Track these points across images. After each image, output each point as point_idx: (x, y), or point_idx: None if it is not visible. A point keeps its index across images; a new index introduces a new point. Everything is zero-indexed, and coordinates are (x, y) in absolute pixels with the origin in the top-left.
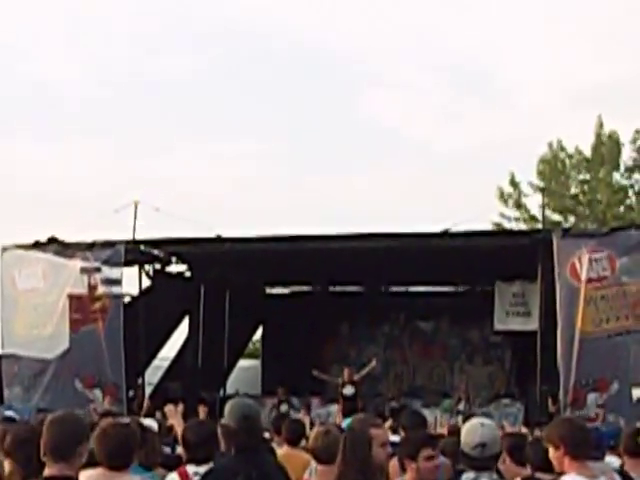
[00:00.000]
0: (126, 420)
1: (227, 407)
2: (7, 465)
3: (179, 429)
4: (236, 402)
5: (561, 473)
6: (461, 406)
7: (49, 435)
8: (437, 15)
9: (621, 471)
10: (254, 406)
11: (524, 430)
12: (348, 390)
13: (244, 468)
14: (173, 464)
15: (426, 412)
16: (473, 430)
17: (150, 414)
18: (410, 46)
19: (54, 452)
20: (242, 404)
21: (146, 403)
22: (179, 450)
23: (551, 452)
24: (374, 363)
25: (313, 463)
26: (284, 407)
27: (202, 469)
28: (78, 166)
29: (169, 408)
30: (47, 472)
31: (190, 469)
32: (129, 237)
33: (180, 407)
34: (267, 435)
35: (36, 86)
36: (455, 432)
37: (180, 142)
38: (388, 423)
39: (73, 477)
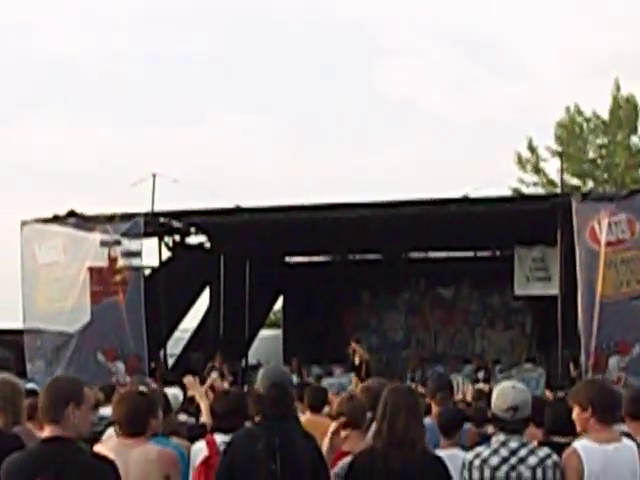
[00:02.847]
0: (143, 388)
1: (259, 373)
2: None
3: (201, 400)
4: (267, 369)
5: (581, 434)
6: (480, 374)
7: (40, 398)
8: None
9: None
10: (285, 374)
11: (548, 394)
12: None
13: (267, 435)
14: (198, 433)
15: None
16: (505, 393)
17: (172, 384)
18: (425, 15)
19: (45, 415)
20: (272, 372)
21: (161, 374)
22: (202, 419)
23: (576, 413)
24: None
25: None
26: (295, 378)
27: (229, 438)
28: (95, 140)
29: (188, 379)
30: (44, 434)
31: (217, 438)
32: (148, 209)
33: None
34: None
35: (52, 62)
36: (479, 398)
37: (197, 114)
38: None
39: (70, 438)
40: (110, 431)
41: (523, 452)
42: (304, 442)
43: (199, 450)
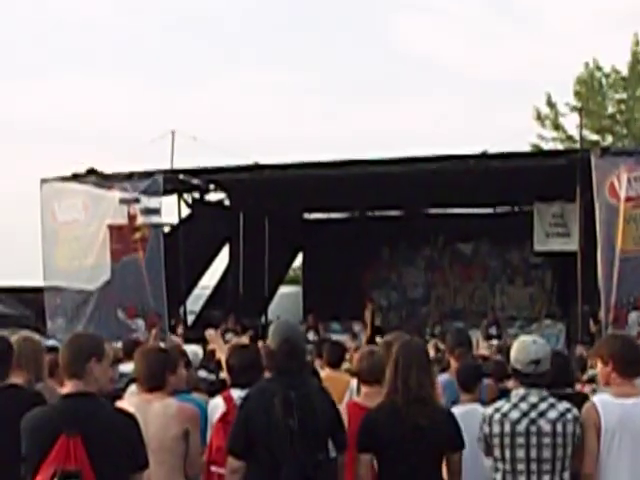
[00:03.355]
0: (163, 344)
1: (270, 329)
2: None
3: (221, 353)
4: (278, 324)
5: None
6: (492, 330)
7: (61, 354)
8: None
9: None
10: (296, 329)
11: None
12: None
13: (283, 389)
14: (217, 389)
15: None
16: (526, 347)
17: (192, 341)
18: None
19: (66, 370)
20: (284, 327)
21: (181, 330)
22: (222, 375)
23: (599, 367)
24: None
25: (353, 383)
26: (311, 335)
27: (245, 393)
28: (114, 99)
29: (209, 333)
30: (66, 389)
31: (234, 393)
32: (167, 167)
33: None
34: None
35: (67, 23)
36: (499, 353)
37: (214, 71)
38: (431, 344)
39: (92, 393)
40: (133, 388)
41: (543, 406)
42: (320, 396)
43: (216, 406)
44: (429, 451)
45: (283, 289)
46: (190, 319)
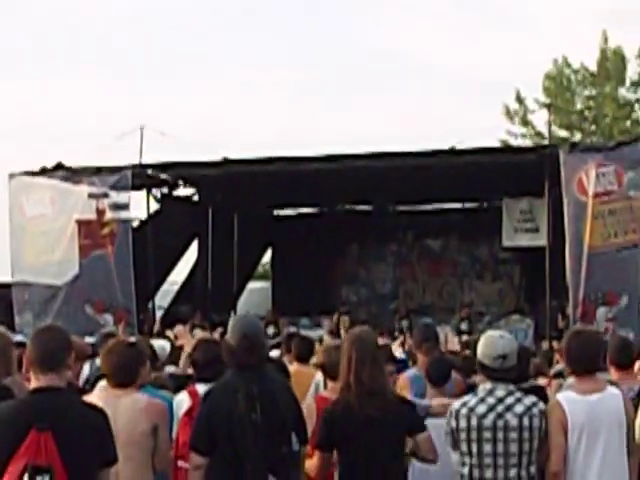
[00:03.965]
0: (132, 339)
1: (229, 324)
2: None
3: (189, 349)
4: (237, 320)
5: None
6: (464, 325)
7: (36, 347)
8: None
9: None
10: (256, 324)
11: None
12: None
13: (245, 384)
14: (183, 383)
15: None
16: (493, 342)
17: (161, 336)
18: None
19: (43, 363)
20: (243, 322)
21: (156, 325)
22: (190, 370)
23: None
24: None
25: (318, 376)
26: (270, 329)
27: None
28: (81, 95)
29: (178, 328)
30: (35, 384)
31: (200, 388)
32: (136, 162)
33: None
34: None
35: (33, 19)
36: (466, 348)
37: (183, 67)
38: (399, 340)
39: (62, 388)
40: (102, 383)
41: (510, 400)
42: (282, 390)
43: (182, 401)
44: (385, 442)
45: (252, 284)
46: (159, 314)
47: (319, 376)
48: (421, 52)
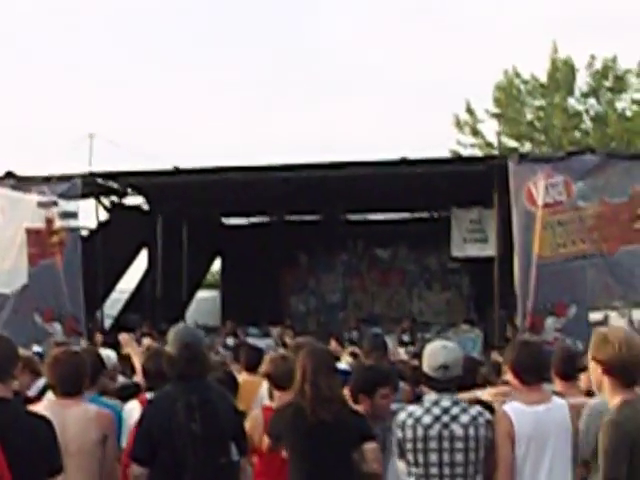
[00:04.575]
0: (77, 348)
1: (170, 335)
2: None
3: (135, 357)
4: (178, 330)
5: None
6: (405, 337)
7: None
8: None
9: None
10: (196, 334)
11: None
12: None
13: (184, 395)
14: (132, 392)
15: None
16: (436, 352)
17: (109, 345)
18: None
19: None
20: (183, 332)
21: (98, 335)
22: (136, 378)
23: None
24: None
25: (264, 385)
26: (230, 340)
27: None
28: (30, 102)
29: (123, 337)
30: None
31: (150, 397)
32: (85, 170)
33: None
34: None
35: None
36: (414, 358)
37: (133, 74)
38: (348, 350)
39: (9, 398)
40: (50, 395)
41: (455, 410)
42: (222, 401)
43: (132, 409)
44: (335, 446)
45: (201, 293)
46: (108, 323)
47: (265, 386)
48: (371, 61)
